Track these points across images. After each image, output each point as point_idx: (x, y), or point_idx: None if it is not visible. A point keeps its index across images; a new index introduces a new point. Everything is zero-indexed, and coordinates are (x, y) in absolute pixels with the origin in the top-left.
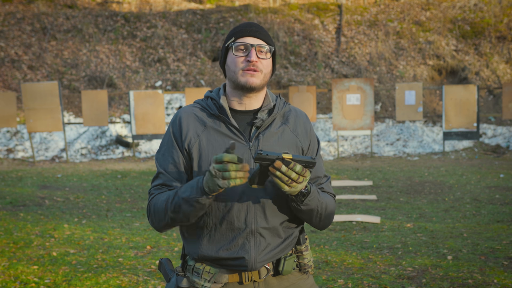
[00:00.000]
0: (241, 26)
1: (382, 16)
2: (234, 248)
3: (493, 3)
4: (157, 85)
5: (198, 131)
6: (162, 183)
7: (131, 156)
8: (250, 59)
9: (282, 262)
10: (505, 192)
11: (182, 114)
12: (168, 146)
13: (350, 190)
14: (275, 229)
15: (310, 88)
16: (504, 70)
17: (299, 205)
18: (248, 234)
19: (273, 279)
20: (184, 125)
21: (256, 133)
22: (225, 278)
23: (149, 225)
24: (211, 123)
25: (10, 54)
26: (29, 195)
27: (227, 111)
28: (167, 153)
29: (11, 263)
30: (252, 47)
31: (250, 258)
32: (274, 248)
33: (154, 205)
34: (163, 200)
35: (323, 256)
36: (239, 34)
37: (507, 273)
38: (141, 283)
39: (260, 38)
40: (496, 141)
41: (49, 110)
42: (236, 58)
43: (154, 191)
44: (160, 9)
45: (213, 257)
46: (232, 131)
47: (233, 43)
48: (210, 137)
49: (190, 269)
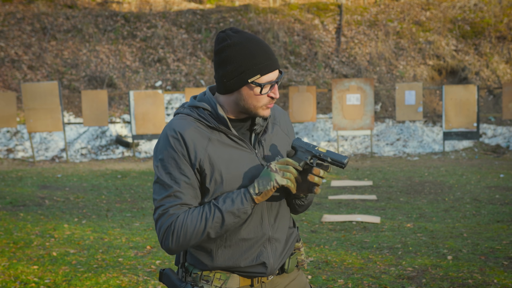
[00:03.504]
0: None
1: (382, 16)
2: (251, 257)
3: (493, 3)
4: (157, 85)
5: (204, 145)
6: (182, 202)
7: (131, 156)
8: (275, 97)
9: (288, 261)
10: (505, 192)
11: (181, 129)
12: (175, 163)
13: (350, 190)
14: (286, 231)
15: (310, 88)
16: (504, 70)
17: (304, 201)
18: (265, 242)
19: (278, 277)
20: (189, 142)
21: (257, 139)
22: (236, 283)
23: (149, 225)
24: (213, 135)
25: (10, 54)
26: (29, 195)
27: (228, 123)
28: (176, 170)
29: (11, 263)
30: (276, 83)
31: (269, 266)
32: (286, 250)
33: (184, 226)
34: (198, 218)
35: (323, 256)
36: (264, 71)
37: (507, 273)
38: (141, 283)
39: (278, 68)
40: (496, 141)
41: (49, 110)
42: (261, 96)
43: (175, 211)
44: (160, 9)
45: (229, 267)
46: (235, 141)
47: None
48: (217, 150)
49: (198, 277)
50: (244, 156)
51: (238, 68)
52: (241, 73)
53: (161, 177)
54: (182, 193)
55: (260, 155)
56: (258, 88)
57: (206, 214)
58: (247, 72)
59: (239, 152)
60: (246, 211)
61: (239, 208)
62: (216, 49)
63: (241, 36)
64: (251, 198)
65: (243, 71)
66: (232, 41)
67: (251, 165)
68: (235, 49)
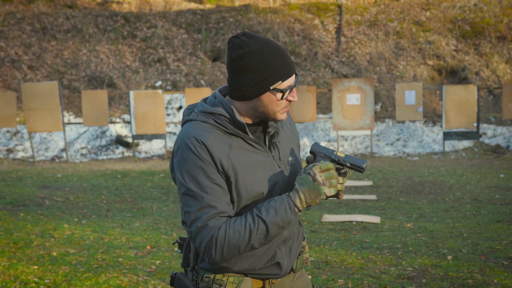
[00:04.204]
0: (282, 64)
1: (382, 16)
2: (266, 258)
3: (493, 3)
4: (157, 85)
5: (226, 152)
6: (218, 211)
7: (131, 156)
8: (294, 100)
9: (296, 261)
10: (505, 192)
11: (202, 137)
12: (203, 171)
13: (350, 190)
14: (295, 231)
15: (310, 88)
16: (504, 70)
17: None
18: (280, 243)
19: (286, 277)
20: (213, 151)
21: (272, 141)
22: (249, 286)
23: (149, 225)
24: (233, 141)
25: (10, 54)
26: (29, 195)
27: (246, 129)
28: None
29: (11, 263)
30: (294, 87)
31: (284, 266)
32: (296, 249)
33: (228, 238)
34: (242, 231)
35: (323, 256)
36: (285, 77)
37: (507, 273)
38: (141, 283)
39: (295, 71)
40: (496, 141)
41: (49, 110)
42: (281, 101)
43: (215, 223)
44: (160, 9)
45: (246, 271)
46: (253, 145)
47: (281, 89)
48: (238, 156)
49: (210, 281)
50: (263, 160)
51: (259, 76)
52: (262, 81)
53: (191, 188)
54: (216, 202)
55: (276, 157)
56: (279, 94)
57: (250, 226)
58: (268, 79)
59: (258, 156)
60: (290, 221)
61: (284, 219)
62: (233, 57)
63: (258, 42)
64: (296, 208)
65: (264, 78)
66: (250, 49)
67: (271, 169)
68: (254, 57)
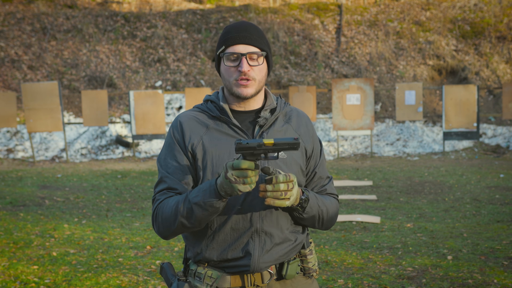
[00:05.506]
0: (231, 31)
1: (382, 16)
2: (237, 248)
3: (493, 3)
4: (157, 85)
5: (201, 133)
6: (167, 187)
7: (131, 156)
8: (241, 69)
9: (286, 266)
10: (505, 192)
11: (183, 118)
12: (170, 150)
13: (350, 190)
14: (281, 230)
15: (310, 88)
16: (504, 70)
17: (302, 214)
18: (253, 233)
19: (277, 283)
20: (186, 129)
21: (260, 132)
22: (227, 283)
23: (149, 225)
24: (213, 124)
25: (10, 54)
26: (29, 195)
27: (228, 112)
28: (169, 157)
29: (11, 263)
30: (243, 56)
31: (253, 258)
32: (279, 250)
33: (162, 212)
34: (171, 206)
35: (323, 256)
36: (229, 42)
37: (507, 273)
38: (141, 283)
39: (251, 44)
40: (496, 141)
41: (49, 110)
42: (229, 68)
43: (160, 197)
44: (160, 9)
45: (216, 258)
46: (235, 130)
47: (224, 53)
48: (213, 137)
49: (192, 273)
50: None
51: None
52: (216, 51)
53: (160, 164)
54: (169, 178)
55: None
56: (227, 62)
57: (178, 203)
58: (218, 47)
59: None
60: (212, 204)
61: (205, 202)
62: None
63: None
64: (218, 194)
65: (217, 48)
66: None
67: None
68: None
